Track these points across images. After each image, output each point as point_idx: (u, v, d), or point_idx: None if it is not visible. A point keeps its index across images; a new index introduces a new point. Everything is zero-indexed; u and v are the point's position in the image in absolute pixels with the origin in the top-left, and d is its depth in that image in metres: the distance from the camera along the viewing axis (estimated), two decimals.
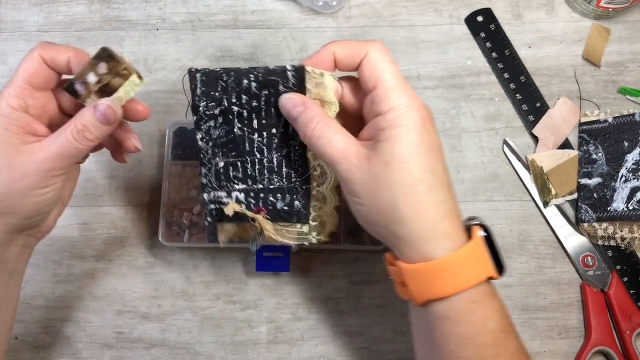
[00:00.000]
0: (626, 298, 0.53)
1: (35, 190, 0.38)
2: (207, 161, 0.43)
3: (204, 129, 0.43)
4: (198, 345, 0.53)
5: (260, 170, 0.43)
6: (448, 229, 0.37)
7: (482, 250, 0.38)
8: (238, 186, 0.43)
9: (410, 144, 0.36)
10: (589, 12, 0.58)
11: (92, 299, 0.54)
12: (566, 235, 0.54)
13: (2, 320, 0.41)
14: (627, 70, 0.58)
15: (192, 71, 0.41)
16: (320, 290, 0.54)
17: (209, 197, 0.44)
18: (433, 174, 0.37)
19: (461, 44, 0.59)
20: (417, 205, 0.36)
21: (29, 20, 0.60)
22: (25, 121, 0.38)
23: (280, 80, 0.40)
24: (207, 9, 0.60)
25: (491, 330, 0.36)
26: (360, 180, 0.37)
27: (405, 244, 0.37)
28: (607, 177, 0.53)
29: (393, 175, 0.36)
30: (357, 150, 0.38)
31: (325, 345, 0.53)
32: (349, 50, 0.39)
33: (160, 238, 0.52)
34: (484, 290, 0.37)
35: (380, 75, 0.38)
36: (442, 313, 0.37)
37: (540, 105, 0.57)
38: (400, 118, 0.37)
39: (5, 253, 0.40)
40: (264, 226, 0.43)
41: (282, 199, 0.44)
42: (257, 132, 0.42)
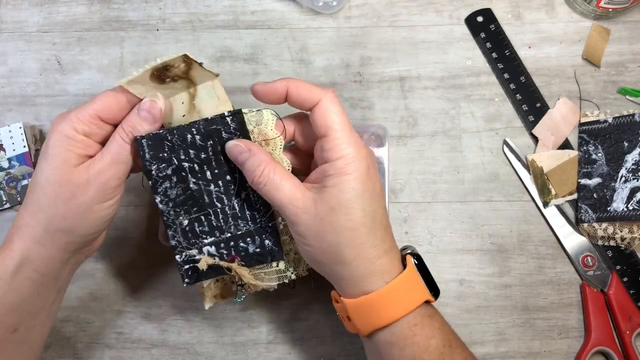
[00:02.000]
0: (626, 298, 0.53)
1: (95, 205, 0.40)
2: (171, 222, 0.43)
3: (161, 192, 0.43)
4: (198, 345, 0.54)
5: (225, 219, 0.43)
6: (385, 265, 0.40)
7: (416, 278, 0.41)
8: (207, 240, 0.44)
9: (355, 191, 0.39)
10: (589, 12, 0.58)
11: (92, 299, 0.54)
12: (566, 236, 0.54)
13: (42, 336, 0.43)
14: (627, 70, 0.58)
15: (137, 139, 0.41)
16: (320, 290, 0.54)
17: (182, 259, 0.44)
18: (373, 217, 0.40)
19: (461, 44, 0.59)
20: (358, 247, 0.39)
21: (29, 20, 0.60)
22: (86, 144, 0.40)
23: (222, 128, 0.42)
24: (207, 9, 0.60)
25: (436, 347, 0.39)
26: (306, 222, 0.40)
27: (347, 282, 0.40)
28: (607, 178, 0.53)
29: (338, 219, 0.39)
30: (303, 194, 0.40)
31: (325, 345, 0.53)
32: (303, 93, 0.40)
33: (161, 238, 0.52)
34: (423, 313, 0.40)
35: (331, 125, 0.40)
36: (387, 340, 0.40)
37: (540, 105, 0.57)
38: (347, 166, 0.39)
39: (60, 271, 0.42)
40: (241, 273, 0.43)
41: (252, 242, 0.44)
42: (213, 182, 0.43)
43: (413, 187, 0.56)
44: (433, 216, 0.55)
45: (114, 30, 0.60)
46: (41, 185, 0.39)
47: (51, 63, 0.59)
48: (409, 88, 0.58)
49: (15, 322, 0.40)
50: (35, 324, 0.42)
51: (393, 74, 0.58)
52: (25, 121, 0.57)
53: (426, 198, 0.56)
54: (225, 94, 0.44)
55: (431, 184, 0.56)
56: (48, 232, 0.39)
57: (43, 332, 0.43)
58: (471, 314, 0.54)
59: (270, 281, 0.45)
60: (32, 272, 0.40)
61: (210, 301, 0.47)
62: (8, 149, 0.56)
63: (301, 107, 0.41)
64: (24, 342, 0.41)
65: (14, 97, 0.58)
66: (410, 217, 0.55)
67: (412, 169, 0.56)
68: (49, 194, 0.39)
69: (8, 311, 0.39)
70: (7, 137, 0.56)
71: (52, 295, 0.42)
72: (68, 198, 0.39)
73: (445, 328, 0.41)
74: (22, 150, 0.56)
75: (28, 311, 0.41)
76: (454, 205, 0.56)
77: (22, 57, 0.59)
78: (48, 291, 0.42)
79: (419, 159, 0.56)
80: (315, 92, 0.40)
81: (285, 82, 0.41)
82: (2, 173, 0.56)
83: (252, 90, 0.42)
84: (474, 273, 0.54)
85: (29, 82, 0.59)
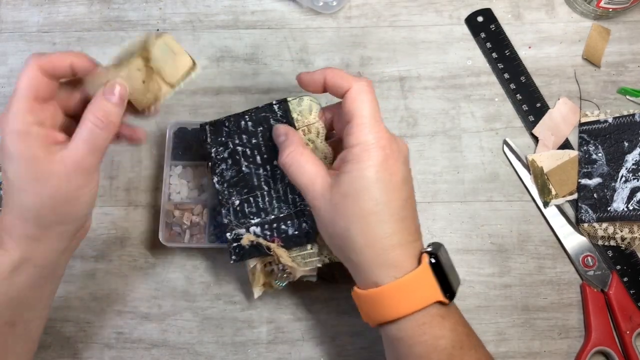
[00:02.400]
0: (626, 298, 0.53)
1: (81, 189, 0.40)
2: (225, 202, 0.47)
3: (218, 173, 0.47)
4: (198, 345, 0.54)
5: (270, 201, 0.47)
6: (397, 259, 0.40)
7: (429, 277, 0.40)
8: (254, 220, 0.47)
9: (367, 179, 0.39)
10: (589, 12, 0.58)
11: (93, 299, 0.54)
12: (566, 236, 0.54)
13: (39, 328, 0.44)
14: (627, 70, 0.58)
15: (203, 124, 0.48)
16: (320, 290, 0.54)
17: (232, 236, 0.47)
18: (386, 208, 0.40)
19: (461, 45, 0.59)
20: (368, 236, 0.40)
21: (29, 20, 0.60)
22: (43, 134, 0.39)
23: (270, 115, 0.46)
24: (208, 10, 0.60)
25: (445, 348, 0.39)
26: (322, 207, 0.41)
27: (357, 270, 0.41)
28: (607, 178, 0.53)
29: (349, 206, 0.40)
30: (323, 179, 0.41)
31: (325, 345, 0.53)
32: (338, 79, 0.42)
33: (161, 238, 0.52)
34: (433, 313, 0.40)
35: (357, 111, 0.41)
36: (395, 335, 0.40)
37: (540, 105, 0.57)
38: (363, 154, 0.40)
39: (58, 261, 0.42)
40: (279, 254, 0.46)
41: (291, 224, 0.47)
42: (262, 166, 0.47)
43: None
44: (433, 216, 0.55)
45: (114, 30, 0.60)
46: (18, 186, 0.39)
47: None
48: (409, 88, 0.58)
49: (13, 317, 0.40)
50: (33, 317, 0.42)
51: (393, 74, 0.58)
52: None
53: (426, 198, 0.56)
54: (179, 46, 0.43)
55: (431, 184, 0.56)
56: (41, 227, 0.39)
57: (39, 325, 0.43)
58: (471, 314, 0.54)
59: (305, 265, 0.47)
60: (31, 268, 0.40)
61: (259, 289, 0.49)
62: None
63: (336, 94, 0.43)
64: (22, 335, 0.41)
65: None
66: None
67: (412, 169, 0.56)
68: (31, 192, 0.38)
69: (7, 307, 0.39)
70: None
71: (50, 285, 0.43)
72: (53, 192, 0.39)
73: (458, 329, 0.40)
74: None
75: (26, 305, 0.41)
76: (454, 205, 0.56)
77: (22, 57, 0.59)
78: (47, 282, 0.42)
79: (419, 159, 0.56)
80: (348, 79, 0.41)
81: (323, 71, 0.42)
82: (2, 173, 0.56)
83: (297, 79, 0.44)
84: (474, 273, 0.54)
85: None
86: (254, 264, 0.48)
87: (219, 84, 0.58)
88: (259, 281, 0.49)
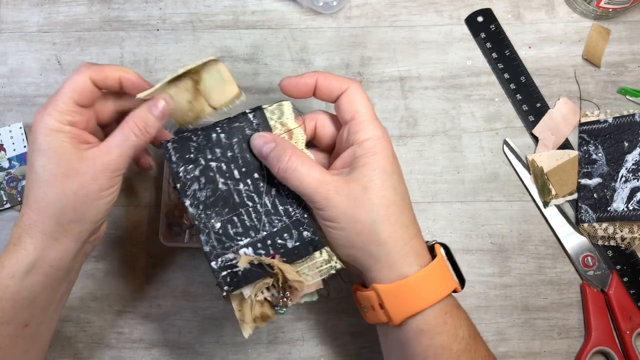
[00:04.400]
0: (626, 298, 0.53)
1: (103, 191, 0.41)
2: (203, 226, 0.41)
3: (190, 195, 0.42)
4: (199, 345, 0.54)
5: (258, 217, 0.42)
6: (417, 247, 0.40)
7: (445, 266, 0.42)
8: (242, 242, 0.41)
9: (385, 170, 0.40)
10: (589, 12, 0.58)
11: (93, 299, 0.54)
12: (566, 236, 0.54)
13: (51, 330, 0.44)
14: (627, 70, 0.58)
15: (163, 143, 0.42)
16: None
17: (218, 265, 0.41)
18: (403, 198, 0.41)
19: (461, 45, 0.59)
20: (392, 225, 0.40)
21: (29, 20, 0.60)
22: (75, 133, 0.41)
23: (245, 125, 0.43)
24: (208, 10, 0.60)
25: (463, 338, 0.40)
26: (339, 204, 0.39)
27: (382, 265, 0.40)
28: (607, 178, 0.53)
29: (372, 197, 0.39)
30: (332, 178, 0.40)
31: (325, 345, 0.53)
32: (332, 82, 0.42)
33: (161, 238, 0.52)
34: (451, 302, 0.41)
35: (358, 109, 0.41)
36: (419, 327, 0.40)
37: (540, 105, 0.57)
38: (376, 146, 0.40)
39: (72, 263, 0.42)
40: (284, 269, 0.40)
41: (289, 237, 0.42)
42: (242, 181, 0.42)
43: (413, 187, 0.56)
44: (433, 216, 0.55)
45: (114, 30, 0.60)
46: (45, 180, 0.40)
47: (51, 63, 0.59)
48: (409, 88, 0.58)
49: (26, 317, 0.40)
50: (45, 319, 0.42)
51: (393, 74, 0.58)
52: (26, 121, 0.57)
53: (426, 198, 0.56)
54: (229, 74, 0.44)
55: (431, 184, 0.56)
56: (61, 225, 0.40)
57: (51, 327, 0.44)
58: (471, 314, 0.53)
59: (314, 277, 0.42)
60: (47, 268, 0.40)
61: (250, 327, 0.41)
62: (8, 149, 0.56)
63: (329, 97, 0.43)
64: (34, 337, 0.42)
65: (14, 97, 0.58)
66: None
67: (412, 169, 0.56)
68: (57, 187, 0.39)
69: (21, 307, 0.40)
70: (7, 137, 0.56)
71: (63, 287, 0.43)
72: (77, 188, 0.39)
73: (469, 320, 0.42)
74: (22, 150, 0.56)
75: (39, 306, 0.41)
76: (454, 205, 0.56)
77: (22, 57, 0.59)
78: (61, 284, 0.42)
79: (419, 159, 0.56)
80: (344, 80, 0.42)
81: (314, 74, 0.43)
82: (2, 173, 0.56)
83: (281, 86, 0.43)
84: (474, 273, 0.54)
85: (29, 82, 0.59)
86: (247, 294, 0.41)
87: None
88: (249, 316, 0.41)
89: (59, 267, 0.41)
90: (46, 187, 0.40)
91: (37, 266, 0.40)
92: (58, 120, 0.40)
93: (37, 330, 0.42)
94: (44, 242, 0.40)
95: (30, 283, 0.40)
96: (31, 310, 0.40)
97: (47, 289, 0.41)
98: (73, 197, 0.39)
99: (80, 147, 0.40)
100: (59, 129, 0.40)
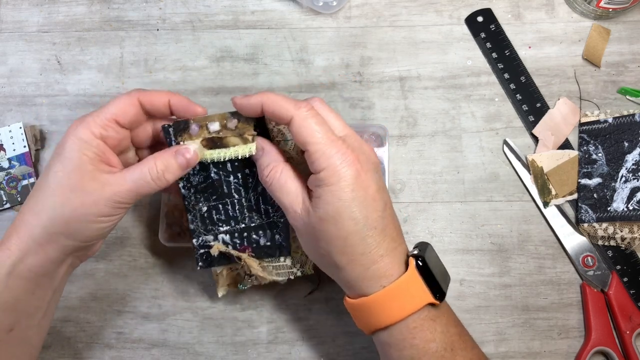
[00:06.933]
0: (626, 298, 0.53)
1: (101, 217, 0.40)
2: (191, 207, 0.45)
3: (184, 178, 0.45)
4: (198, 345, 0.54)
5: (240, 210, 0.45)
6: (382, 270, 0.40)
7: (417, 281, 0.40)
8: (222, 228, 0.46)
9: (341, 201, 0.38)
10: (589, 12, 0.58)
11: (93, 299, 0.54)
12: (566, 236, 0.54)
13: (40, 336, 0.43)
14: (627, 70, 0.58)
15: (165, 126, 0.43)
16: (320, 290, 0.54)
17: (198, 242, 0.46)
18: (365, 224, 0.39)
19: (461, 45, 0.59)
20: (350, 255, 0.40)
21: (29, 20, 0.60)
22: (101, 149, 0.41)
23: None
24: (207, 9, 0.60)
25: (435, 351, 0.39)
26: (302, 228, 0.41)
27: (345, 286, 0.42)
28: (607, 178, 0.53)
29: (327, 229, 0.39)
30: (303, 200, 0.40)
31: (325, 345, 0.53)
32: (277, 108, 0.40)
33: (161, 238, 0.52)
34: (424, 316, 0.40)
35: (308, 138, 0.39)
36: (386, 341, 0.40)
37: (540, 105, 0.57)
38: (331, 177, 0.38)
39: (55, 272, 0.42)
40: (249, 264, 0.45)
41: (263, 235, 0.46)
42: (232, 174, 0.45)
43: (413, 187, 0.56)
44: (433, 216, 0.55)
45: (114, 30, 0.60)
46: (51, 187, 0.39)
47: (51, 63, 0.59)
48: (409, 88, 0.58)
49: (11, 322, 0.40)
50: (32, 324, 0.42)
51: (393, 74, 0.58)
52: (26, 121, 0.57)
53: (426, 198, 0.56)
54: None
55: (431, 184, 0.56)
56: (48, 233, 0.40)
57: (40, 333, 0.43)
58: (471, 314, 0.54)
59: (277, 276, 0.47)
60: (27, 272, 0.40)
61: (223, 289, 0.49)
62: (8, 149, 0.56)
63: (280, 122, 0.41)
64: (21, 343, 0.41)
65: (14, 97, 0.58)
66: (411, 217, 0.55)
67: (412, 169, 0.56)
68: (59, 197, 0.39)
69: (3, 311, 0.39)
70: (7, 137, 0.56)
71: (47, 295, 0.42)
72: (77, 206, 0.39)
73: (450, 330, 0.41)
74: (22, 150, 0.56)
75: (23, 311, 0.41)
76: (454, 205, 0.56)
77: (22, 57, 0.59)
78: (43, 291, 0.42)
79: (419, 159, 0.56)
80: (287, 110, 0.39)
81: (260, 97, 0.40)
82: (2, 173, 0.56)
83: (232, 102, 0.42)
84: (474, 273, 0.54)
85: (29, 82, 0.59)
86: (220, 270, 0.48)
87: (219, 84, 0.58)
88: (224, 283, 0.49)
89: (39, 273, 0.40)
90: (49, 193, 0.39)
91: (17, 269, 0.39)
92: (90, 130, 0.40)
93: (23, 336, 0.41)
94: (28, 245, 0.39)
95: (11, 285, 0.39)
96: (15, 315, 0.40)
97: (29, 294, 0.40)
98: (70, 212, 0.39)
99: (98, 167, 0.40)
100: (88, 140, 0.40)
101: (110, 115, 0.41)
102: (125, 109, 0.41)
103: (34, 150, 0.56)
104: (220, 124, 0.43)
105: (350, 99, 0.58)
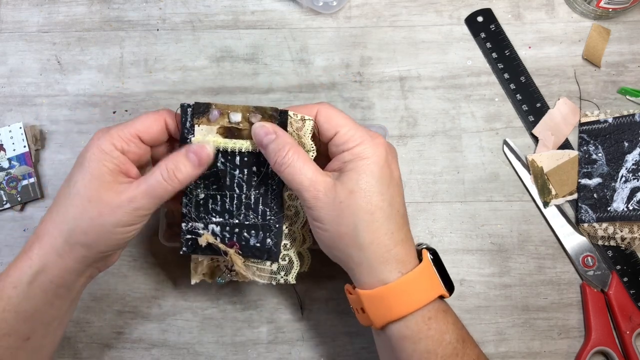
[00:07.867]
0: (626, 298, 0.53)
1: (119, 227, 0.40)
2: (189, 191, 0.45)
3: None
4: (198, 345, 0.54)
5: (238, 205, 0.45)
6: (401, 255, 0.40)
7: (431, 272, 0.41)
8: (215, 219, 0.45)
9: (372, 175, 0.40)
10: (589, 12, 0.58)
11: (93, 299, 0.54)
12: (566, 236, 0.54)
13: (53, 344, 0.44)
14: (627, 70, 0.58)
15: (185, 105, 0.43)
16: (320, 290, 0.54)
17: (187, 227, 0.45)
18: (391, 204, 0.40)
19: (461, 45, 0.59)
20: (375, 232, 0.40)
21: (29, 20, 0.60)
22: (121, 161, 0.41)
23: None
24: (208, 10, 0.60)
25: (450, 342, 0.40)
26: (325, 206, 0.40)
27: (362, 269, 0.41)
28: (607, 178, 0.53)
29: (356, 202, 0.40)
30: (324, 179, 0.41)
31: (325, 345, 0.53)
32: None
33: (161, 238, 0.52)
34: (437, 307, 0.40)
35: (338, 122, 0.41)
36: (402, 333, 0.40)
37: (540, 105, 0.57)
38: (364, 151, 0.40)
39: (74, 284, 0.42)
40: (234, 260, 0.45)
41: (255, 235, 0.45)
42: (239, 168, 0.44)
43: (413, 187, 0.56)
44: (433, 216, 0.55)
45: (114, 30, 0.60)
46: (71, 197, 0.40)
47: (51, 63, 0.59)
48: (409, 88, 0.58)
49: (28, 331, 0.40)
50: (47, 333, 0.42)
51: (393, 74, 0.58)
52: (26, 121, 0.57)
53: (426, 198, 0.56)
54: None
55: (431, 184, 0.56)
56: (68, 244, 0.40)
57: (54, 341, 0.43)
58: (471, 314, 0.54)
59: (260, 278, 0.46)
60: (47, 283, 0.40)
61: (197, 277, 0.48)
62: (8, 149, 0.56)
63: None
64: (36, 351, 0.42)
65: (14, 97, 0.58)
66: (411, 217, 0.55)
67: (412, 169, 0.56)
68: (77, 207, 0.39)
69: (22, 320, 0.40)
70: (7, 137, 0.56)
71: (65, 306, 0.42)
72: (94, 216, 0.39)
73: (458, 324, 0.41)
74: (22, 150, 0.56)
75: (41, 320, 0.41)
76: (454, 205, 0.56)
77: (22, 57, 0.59)
78: (61, 302, 0.42)
79: (419, 159, 0.56)
80: (311, 106, 0.43)
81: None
82: (2, 173, 0.56)
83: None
84: (474, 273, 0.54)
85: (29, 82, 0.59)
86: (202, 259, 0.48)
87: (219, 84, 0.58)
88: (201, 271, 0.48)
89: (59, 284, 0.41)
90: (68, 204, 0.40)
91: (38, 279, 0.40)
92: (112, 142, 0.40)
93: (39, 344, 0.41)
94: (49, 255, 0.40)
95: (31, 295, 0.40)
96: (32, 324, 0.40)
97: (47, 305, 0.41)
98: (88, 222, 0.39)
99: (116, 179, 0.40)
100: (109, 151, 0.40)
101: (135, 131, 0.41)
102: (150, 126, 0.42)
103: (34, 150, 0.56)
104: (243, 116, 0.42)
105: (350, 99, 0.58)
